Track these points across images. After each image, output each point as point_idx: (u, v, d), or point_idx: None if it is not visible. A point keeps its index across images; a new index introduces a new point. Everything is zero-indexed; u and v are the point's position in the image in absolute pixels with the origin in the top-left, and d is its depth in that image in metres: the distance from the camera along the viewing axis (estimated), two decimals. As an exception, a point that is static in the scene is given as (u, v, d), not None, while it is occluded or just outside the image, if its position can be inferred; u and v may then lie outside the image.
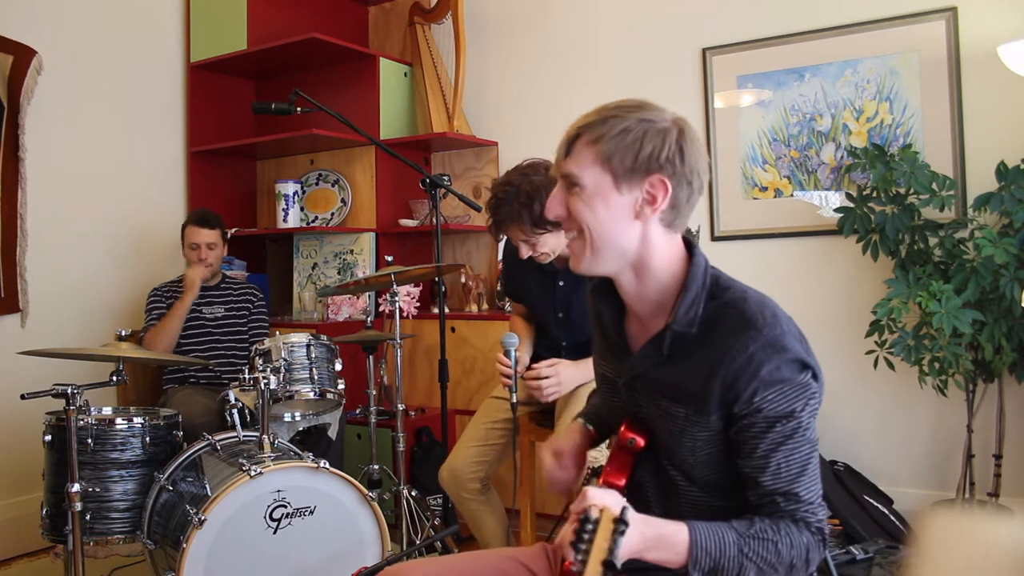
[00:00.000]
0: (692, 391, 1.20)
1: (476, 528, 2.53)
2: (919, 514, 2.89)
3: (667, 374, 1.24)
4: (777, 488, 1.18)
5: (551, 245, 2.27)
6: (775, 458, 1.17)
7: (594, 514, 1.05)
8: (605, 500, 1.09)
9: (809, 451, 1.18)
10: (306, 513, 2.21)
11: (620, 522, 1.03)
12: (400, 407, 2.78)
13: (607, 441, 1.55)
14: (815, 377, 1.19)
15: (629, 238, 1.23)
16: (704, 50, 3.38)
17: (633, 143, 1.19)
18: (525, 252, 2.29)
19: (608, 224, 1.22)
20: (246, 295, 3.33)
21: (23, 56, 3.22)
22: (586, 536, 1.04)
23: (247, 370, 2.44)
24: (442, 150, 3.99)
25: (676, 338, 1.22)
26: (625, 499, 1.15)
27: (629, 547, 1.10)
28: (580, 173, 1.22)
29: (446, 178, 2.75)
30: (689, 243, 1.30)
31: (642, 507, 1.20)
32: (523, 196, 2.19)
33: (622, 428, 1.30)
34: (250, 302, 3.33)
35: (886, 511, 2.83)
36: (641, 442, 1.27)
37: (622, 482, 1.27)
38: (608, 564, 1.01)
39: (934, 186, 2.74)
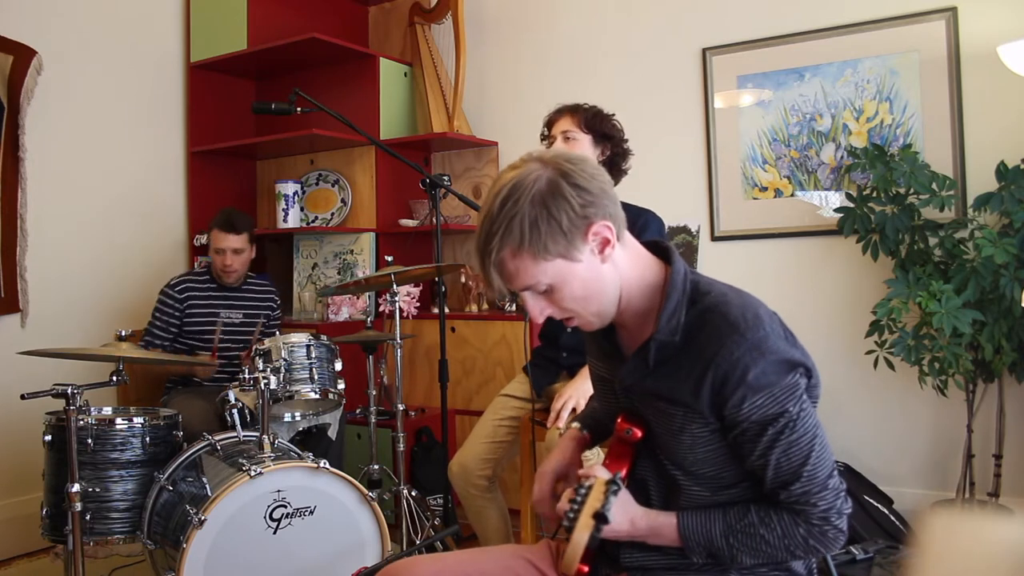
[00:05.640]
0: (683, 398, 1.21)
1: (479, 525, 2.54)
2: (919, 514, 2.89)
3: (657, 383, 1.25)
4: (780, 482, 1.20)
5: None
6: (773, 456, 1.19)
7: (588, 482, 1.20)
8: (600, 473, 1.23)
9: (809, 441, 1.19)
10: (306, 513, 2.21)
11: (612, 483, 1.14)
12: (400, 407, 2.79)
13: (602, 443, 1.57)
14: (805, 373, 1.21)
15: (610, 281, 1.23)
16: (704, 50, 3.38)
17: (548, 221, 1.15)
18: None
19: (589, 290, 1.21)
20: (267, 302, 3.28)
21: (23, 56, 3.22)
22: (579, 499, 1.16)
23: (247, 370, 2.44)
24: (442, 150, 3.99)
25: (661, 347, 1.23)
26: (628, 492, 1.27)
27: (621, 528, 1.24)
28: (536, 279, 1.19)
29: (446, 178, 2.74)
30: (664, 248, 1.31)
31: (644, 504, 1.29)
32: None
33: (619, 420, 1.32)
34: (270, 309, 3.29)
35: (886, 511, 2.83)
36: (638, 433, 1.29)
37: (622, 472, 1.30)
38: (599, 516, 1.12)
39: (934, 186, 2.74)
